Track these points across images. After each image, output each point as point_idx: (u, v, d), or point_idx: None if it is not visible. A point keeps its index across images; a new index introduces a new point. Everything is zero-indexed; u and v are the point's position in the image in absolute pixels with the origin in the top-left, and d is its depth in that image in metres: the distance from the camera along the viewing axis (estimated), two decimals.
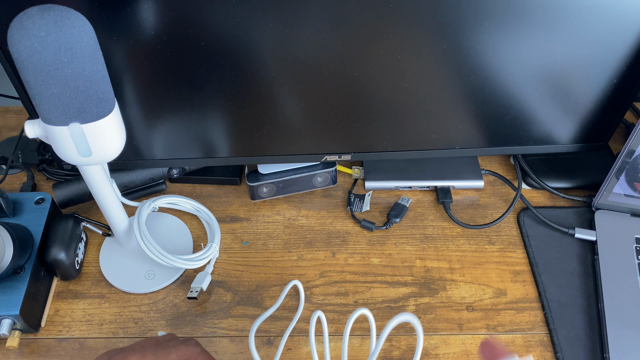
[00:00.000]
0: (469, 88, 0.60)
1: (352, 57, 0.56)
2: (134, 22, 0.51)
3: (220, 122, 0.62)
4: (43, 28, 0.39)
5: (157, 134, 0.63)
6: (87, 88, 0.43)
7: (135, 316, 0.61)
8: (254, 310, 0.62)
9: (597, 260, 0.64)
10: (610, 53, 0.58)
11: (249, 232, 0.69)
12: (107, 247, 0.66)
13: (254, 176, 0.69)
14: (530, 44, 0.56)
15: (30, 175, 0.73)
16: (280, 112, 0.61)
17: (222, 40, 0.53)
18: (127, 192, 0.70)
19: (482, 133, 0.66)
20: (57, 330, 0.60)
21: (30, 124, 0.47)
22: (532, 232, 0.68)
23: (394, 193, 0.74)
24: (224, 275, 0.65)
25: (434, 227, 0.70)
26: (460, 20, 0.54)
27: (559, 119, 0.65)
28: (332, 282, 0.64)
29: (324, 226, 0.70)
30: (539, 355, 0.58)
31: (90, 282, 0.64)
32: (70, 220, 0.62)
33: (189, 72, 0.56)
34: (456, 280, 0.64)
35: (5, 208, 0.60)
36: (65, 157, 0.47)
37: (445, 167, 0.73)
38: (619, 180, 0.65)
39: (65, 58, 0.40)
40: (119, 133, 0.49)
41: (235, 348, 0.59)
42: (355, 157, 0.68)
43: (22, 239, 0.57)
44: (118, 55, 0.54)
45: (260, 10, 0.51)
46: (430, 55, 0.57)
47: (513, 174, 0.75)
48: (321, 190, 0.74)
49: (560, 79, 0.61)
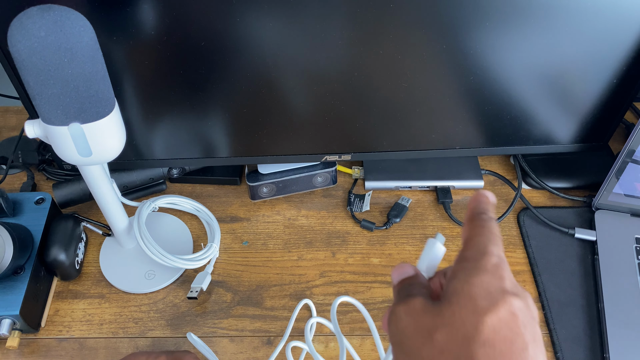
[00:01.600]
0: (469, 88, 0.60)
1: (352, 57, 0.56)
2: (134, 22, 0.51)
3: (220, 122, 0.62)
4: (43, 28, 0.39)
5: (157, 134, 0.63)
6: (87, 88, 0.43)
7: (135, 316, 0.61)
8: (254, 310, 0.62)
9: (597, 260, 0.64)
10: (610, 53, 0.58)
11: (249, 232, 0.69)
12: (107, 247, 0.66)
13: (254, 176, 0.69)
14: (530, 43, 0.56)
15: (30, 175, 0.73)
16: (280, 112, 0.61)
17: (222, 40, 0.53)
18: (127, 192, 0.70)
19: (482, 133, 0.66)
20: (57, 330, 0.60)
21: (30, 124, 0.47)
22: (532, 232, 0.68)
23: (394, 193, 0.74)
24: (224, 275, 0.65)
25: (434, 227, 0.70)
26: (460, 20, 0.54)
27: (559, 119, 0.65)
28: (332, 282, 0.64)
29: (324, 226, 0.70)
30: None
31: (90, 282, 0.64)
32: (70, 220, 0.62)
33: (189, 72, 0.56)
34: None
35: (5, 208, 0.60)
36: (65, 157, 0.47)
37: (445, 167, 0.73)
38: (619, 180, 0.65)
39: (65, 58, 0.40)
40: (119, 133, 0.49)
41: (235, 348, 0.59)
42: (355, 157, 0.68)
43: (22, 239, 0.57)
44: (118, 55, 0.54)
45: (260, 10, 0.51)
46: (430, 55, 0.57)
47: (513, 174, 0.75)
48: (321, 190, 0.74)
49: (560, 79, 0.61)
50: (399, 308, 0.33)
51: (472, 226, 0.34)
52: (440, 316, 0.30)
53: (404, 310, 0.32)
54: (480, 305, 0.29)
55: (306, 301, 0.61)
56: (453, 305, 0.30)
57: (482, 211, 0.35)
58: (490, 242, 0.33)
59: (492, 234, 0.33)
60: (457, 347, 0.29)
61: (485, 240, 0.33)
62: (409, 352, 0.31)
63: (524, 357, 0.28)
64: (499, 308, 0.29)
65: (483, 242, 0.33)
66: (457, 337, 0.29)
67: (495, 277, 0.31)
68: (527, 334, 0.29)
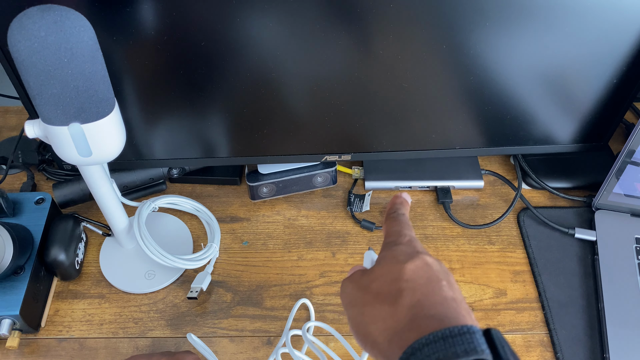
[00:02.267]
0: (469, 88, 0.60)
1: (352, 57, 0.56)
2: (134, 22, 0.51)
3: (220, 122, 0.62)
4: (43, 28, 0.39)
5: (157, 134, 0.63)
6: (87, 88, 0.43)
7: (135, 316, 0.61)
8: (254, 310, 0.62)
9: (597, 260, 0.64)
10: (610, 53, 0.58)
11: (249, 232, 0.69)
12: (107, 247, 0.66)
13: (254, 176, 0.69)
14: (531, 44, 0.56)
15: (30, 175, 0.73)
16: (280, 112, 0.61)
17: (222, 41, 0.53)
18: (127, 192, 0.70)
19: (482, 133, 0.66)
20: (57, 330, 0.60)
21: (30, 124, 0.47)
22: (532, 232, 0.68)
23: (394, 193, 0.74)
24: (224, 275, 0.65)
25: (434, 227, 0.70)
26: (460, 20, 0.54)
27: (559, 119, 0.65)
28: (332, 282, 0.64)
29: (324, 226, 0.70)
30: (539, 356, 0.58)
31: (90, 282, 0.64)
32: (70, 220, 0.62)
33: (189, 72, 0.56)
34: (456, 280, 0.64)
35: (5, 208, 0.60)
36: (65, 157, 0.47)
37: (445, 167, 0.73)
38: (619, 181, 0.65)
39: (65, 58, 0.40)
40: (119, 133, 0.49)
41: (235, 348, 0.59)
42: (355, 157, 0.68)
43: (22, 239, 0.57)
44: (118, 55, 0.54)
45: (260, 10, 0.51)
46: (430, 56, 0.57)
47: (513, 174, 0.75)
48: (321, 190, 0.74)
49: (560, 79, 0.61)
50: (345, 281, 0.42)
51: (388, 221, 0.44)
52: (372, 274, 0.40)
53: (347, 280, 0.42)
54: (400, 259, 0.39)
55: (304, 301, 0.61)
56: (381, 265, 0.40)
57: (395, 210, 0.44)
58: (403, 228, 0.42)
59: (404, 223, 0.43)
60: (388, 287, 0.37)
61: (399, 227, 0.42)
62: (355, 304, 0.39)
63: (438, 287, 0.36)
64: (415, 260, 0.38)
65: (397, 228, 0.42)
66: (387, 281, 0.38)
67: (410, 247, 0.40)
68: (440, 275, 0.38)
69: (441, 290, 0.36)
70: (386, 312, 0.36)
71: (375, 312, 0.37)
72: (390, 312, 0.36)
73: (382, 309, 0.37)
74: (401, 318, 0.35)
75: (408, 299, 0.36)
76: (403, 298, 0.36)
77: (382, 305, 0.37)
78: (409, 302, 0.36)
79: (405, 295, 0.36)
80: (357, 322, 0.39)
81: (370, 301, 0.38)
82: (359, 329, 0.38)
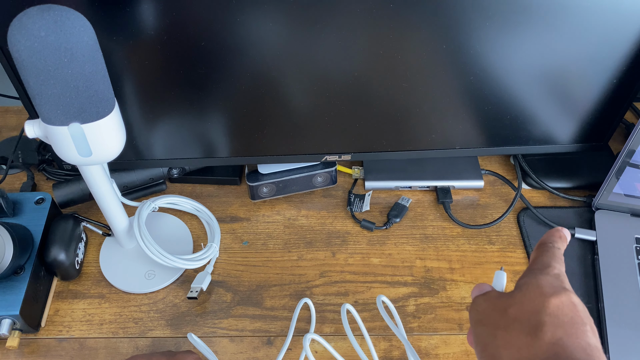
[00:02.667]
0: (469, 88, 0.60)
1: (352, 57, 0.56)
2: (134, 22, 0.51)
3: (220, 122, 0.62)
4: (43, 28, 0.39)
5: (157, 133, 0.63)
6: (87, 88, 0.43)
7: (135, 316, 0.61)
8: (254, 310, 0.62)
9: (597, 260, 0.64)
10: (610, 53, 0.58)
11: (249, 232, 0.69)
12: (107, 247, 0.66)
13: (254, 176, 0.69)
14: (530, 44, 0.56)
15: (30, 175, 0.73)
16: (280, 112, 0.61)
17: (222, 40, 0.53)
18: (127, 192, 0.70)
19: (482, 133, 0.66)
20: (57, 330, 0.60)
21: (30, 124, 0.47)
22: (532, 232, 0.68)
23: (394, 193, 0.74)
24: (224, 275, 0.65)
25: (434, 227, 0.70)
26: (460, 20, 0.54)
27: (559, 119, 0.65)
28: (332, 282, 0.64)
29: (324, 226, 0.70)
30: None
31: (90, 282, 0.64)
32: (70, 220, 0.62)
33: (189, 72, 0.56)
34: (456, 280, 0.64)
35: (5, 208, 0.60)
36: (65, 157, 0.47)
37: (445, 167, 0.73)
38: (619, 180, 0.65)
39: (65, 58, 0.40)
40: (119, 133, 0.49)
41: (235, 348, 0.59)
42: (355, 157, 0.68)
43: (22, 239, 0.57)
44: (118, 55, 0.54)
45: (260, 10, 0.51)
46: (430, 55, 0.57)
47: (513, 174, 0.75)
48: (321, 190, 0.74)
49: (560, 79, 0.61)
50: (478, 297, 0.41)
51: (540, 249, 0.42)
52: (512, 298, 0.38)
53: (482, 298, 0.40)
54: (545, 291, 0.37)
55: (306, 300, 0.61)
56: (523, 291, 0.38)
57: (550, 241, 0.43)
58: (553, 260, 0.40)
59: (557, 256, 0.41)
60: (527, 316, 0.36)
61: (549, 258, 0.41)
62: (488, 324, 0.38)
63: (583, 331, 0.35)
64: (561, 295, 0.36)
65: (547, 259, 0.41)
66: (527, 310, 0.36)
67: (558, 280, 0.38)
68: (585, 317, 0.36)
69: (585, 334, 0.35)
70: (523, 341, 0.36)
71: (509, 337, 0.36)
72: (527, 342, 0.35)
73: (519, 338, 0.36)
74: (539, 353, 0.34)
75: (549, 334, 0.35)
76: (544, 333, 0.35)
77: (519, 334, 0.36)
78: (550, 337, 0.35)
79: (546, 331, 0.35)
80: (485, 343, 0.38)
81: (506, 326, 0.37)
82: (487, 350, 0.38)
